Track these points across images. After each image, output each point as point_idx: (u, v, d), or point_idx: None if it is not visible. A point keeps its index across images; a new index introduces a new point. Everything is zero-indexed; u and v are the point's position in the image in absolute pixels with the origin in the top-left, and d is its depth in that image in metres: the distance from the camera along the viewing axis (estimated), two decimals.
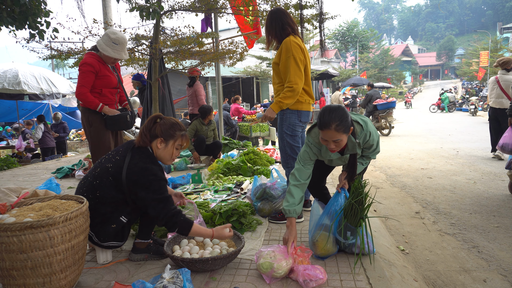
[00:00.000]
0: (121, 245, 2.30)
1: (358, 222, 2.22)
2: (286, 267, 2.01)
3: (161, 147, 2.21)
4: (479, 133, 11.08)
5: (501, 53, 30.67)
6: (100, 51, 3.39)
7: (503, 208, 3.95)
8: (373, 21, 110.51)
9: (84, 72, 3.30)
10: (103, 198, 2.13)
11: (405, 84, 53.44)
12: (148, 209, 2.11)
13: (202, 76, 9.08)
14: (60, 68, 37.83)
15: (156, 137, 2.20)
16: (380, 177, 5.81)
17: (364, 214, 2.23)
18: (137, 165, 2.11)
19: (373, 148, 2.40)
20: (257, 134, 8.78)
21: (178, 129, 2.24)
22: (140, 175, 2.09)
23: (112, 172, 2.13)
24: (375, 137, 2.36)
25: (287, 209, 2.31)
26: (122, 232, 2.23)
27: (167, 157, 2.25)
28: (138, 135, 2.25)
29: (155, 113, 2.32)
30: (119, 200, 2.16)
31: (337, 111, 2.10)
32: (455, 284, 2.46)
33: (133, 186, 2.10)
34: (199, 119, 5.86)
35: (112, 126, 3.48)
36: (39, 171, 6.42)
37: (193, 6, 5.21)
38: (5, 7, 4.24)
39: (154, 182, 2.09)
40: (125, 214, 2.18)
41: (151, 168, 2.11)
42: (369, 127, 2.32)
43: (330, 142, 2.14)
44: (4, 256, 1.68)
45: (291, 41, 2.79)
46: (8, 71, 8.71)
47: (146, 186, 2.08)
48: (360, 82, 25.86)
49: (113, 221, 2.15)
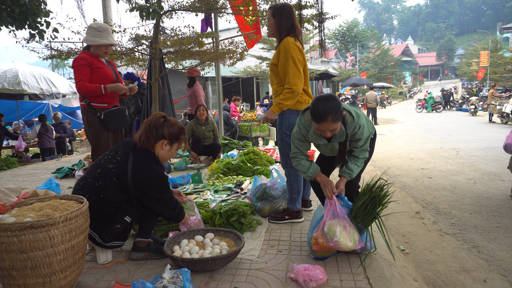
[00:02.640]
0: (122, 244, 2.31)
1: (371, 221, 2.24)
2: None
3: (166, 149, 2.28)
4: (479, 133, 11.08)
5: (501, 53, 30.66)
6: (89, 44, 3.41)
7: (503, 208, 3.95)
8: (373, 21, 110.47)
9: (78, 67, 3.32)
10: (107, 199, 2.15)
11: (405, 84, 53.42)
12: (156, 207, 2.23)
13: (202, 76, 9.08)
14: (60, 68, 37.85)
15: (162, 138, 2.24)
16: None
17: (378, 213, 2.25)
18: (143, 166, 2.16)
19: (361, 144, 2.34)
20: (257, 134, 8.78)
21: (183, 133, 2.34)
22: (147, 177, 2.15)
23: (116, 173, 2.15)
24: (365, 132, 2.31)
25: (309, 173, 2.41)
26: (125, 232, 2.27)
27: (168, 157, 2.34)
28: (141, 134, 2.25)
29: (159, 112, 2.34)
30: (123, 200, 2.18)
31: (330, 103, 2.09)
32: (455, 284, 2.46)
33: (140, 186, 2.16)
34: (195, 119, 5.86)
35: (111, 124, 3.46)
36: (39, 171, 6.42)
37: (193, 6, 5.21)
38: (5, 7, 4.24)
39: (162, 183, 2.21)
40: (129, 214, 2.21)
41: (157, 169, 2.20)
42: (361, 120, 2.30)
43: (326, 132, 2.19)
44: (4, 256, 1.68)
45: (289, 42, 2.77)
46: (8, 71, 8.70)
47: (156, 188, 2.19)
48: (360, 82, 25.88)
49: (118, 221, 2.18)
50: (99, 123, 3.42)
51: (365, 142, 2.36)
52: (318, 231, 2.23)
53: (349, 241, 2.14)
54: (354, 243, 2.16)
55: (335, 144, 2.39)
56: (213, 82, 15.39)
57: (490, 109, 15.00)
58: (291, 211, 2.98)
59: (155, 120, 2.25)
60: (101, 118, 3.39)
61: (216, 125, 6.10)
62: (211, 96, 16.69)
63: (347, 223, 2.19)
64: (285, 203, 3.14)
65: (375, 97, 15.77)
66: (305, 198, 3.28)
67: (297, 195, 2.94)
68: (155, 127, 2.23)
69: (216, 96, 8.22)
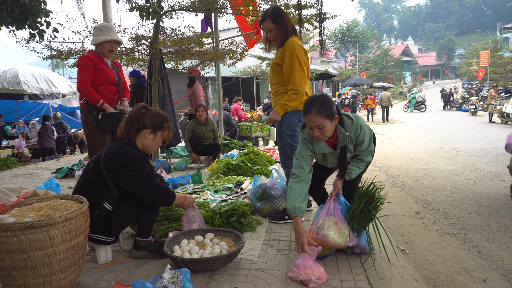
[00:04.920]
0: (110, 242, 2.22)
1: (368, 223, 2.24)
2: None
3: (150, 138, 2.28)
4: (479, 133, 11.09)
5: (501, 53, 30.67)
6: (94, 44, 3.46)
7: (503, 208, 3.95)
8: (373, 21, 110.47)
9: (83, 66, 3.34)
10: (86, 184, 2.20)
11: (405, 84, 53.40)
12: (133, 189, 2.16)
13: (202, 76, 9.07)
14: (60, 68, 37.82)
15: (144, 128, 2.26)
16: (380, 177, 5.81)
17: (374, 215, 2.24)
18: (114, 146, 2.19)
19: (366, 146, 2.32)
20: (257, 134, 8.78)
21: (166, 121, 2.34)
22: (115, 154, 2.15)
23: (94, 159, 2.23)
24: (367, 132, 2.30)
25: (290, 208, 2.17)
26: (110, 225, 2.17)
27: (154, 147, 2.34)
28: (121, 125, 2.27)
29: (140, 103, 2.34)
30: (101, 185, 2.19)
31: (318, 98, 2.15)
32: (455, 284, 2.46)
33: (111, 166, 2.14)
34: (195, 119, 5.86)
35: (107, 126, 3.46)
36: (39, 171, 6.42)
37: (193, 6, 5.21)
38: (5, 7, 4.24)
39: (132, 160, 2.15)
40: (108, 201, 2.17)
41: (127, 148, 2.18)
42: (360, 121, 2.30)
43: (315, 129, 2.15)
44: (4, 256, 1.68)
45: (294, 42, 2.76)
46: (8, 71, 8.70)
47: (125, 165, 2.14)
48: (360, 82, 25.90)
49: (97, 208, 2.15)
50: (95, 123, 3.44)
51: (369, 143, 2.34)
52: (313, 226, 2.26)
53: (339, 236, 2.15)
54: (344, 239, 2.16)
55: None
56: (213, 82, 15.38)
57: (490, 109, 15.01)
58: None
59: (135, 110, 2.27)
60: (98, 118, 3.40)
61: (216, 125, 6.09)
62: (211, 96, 16.69)
63: (339, 220, 2.20)
64: (285, 203, 3.14)
65: (388, 97, 17.91)
66: None
67: None
68: (136, 117, 2.25)
69: (216, 96, 8.22)
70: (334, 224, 2.17)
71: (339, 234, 2.15)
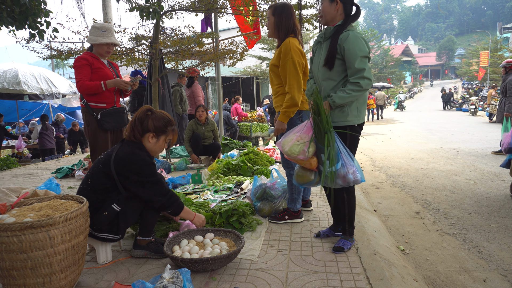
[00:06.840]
0: (117, 239, 2.26)
1: (324, 138, 2.15)
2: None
3: (153, 142, 2.29)
4: (479, 133, 11.09)
5: (501, 53, 30.68)
6: (92, 43, 3.44)
7: (503, 208, 3.95)
8: (373, 21, 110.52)
9: (79, 67, 3.34)
10: (94, 185, 2.20)
11: (405, 84, 53.43)
12: (142, 193, 2.18)
13: (202, 76, 9.08)
14: (60, 68, 37.84)
15: (147, 131, 2.26)
16: (380, 177, 5.81)
17: (326, 126, 2.15)
18: (124, 150, 2.19)
19: (351, 61, 2.26)
20: (257, 134, 8.78)
21: (170, 125, 2.33)
22: (127, 158, 2.16)
23: (102, 161, 2.23)
24: (356, 45, 2.26)
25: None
26: (117, 224, 2.20)
27: (158, 150, 2.34)
28: (128, 128, 2.28)
29: (145, 106, 2.35)
30: (109, 187, 2.20)
31: None
32: (455, 284, 2.46)
33: (121, 170, 2.16)
34: (195, 120, 5.86)
35: (108, 124, 3.45)
36: (39, 171, 6.42)
37: (193, 6, 5.21)
38: (5, 7, 4.24)
39: (145, 166, 2.17)
40: (116, 202, 2.19)
41: (139, 153, 2.19)
42: (355, 33, 2.30)
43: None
44: (4, 256, 1.68)
45: (290, 43, 2.74)
46: (8, 71, 8.71)
47: (137, 171, 2.16)
48: None
49: (105, 209, 2.17)
50: (96, 123, 3.43)
51: (355, 58, 2.25)
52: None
53: (290, 145, 2.21)
54: (298, 152, 2.20)
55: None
56: (213, 82, 15.38)
57: (490, 109, 15.01)
58: (291, 211, 2.98)
59: (140, 113, 2.28)
60: (98, 118, 3.39)
61: (216, 125, 6.08)
62: (211, 96, 16.70)
63: (303, 136, 2.23)
64: (285, 203, 3.14)
65: (383, 96, 20.02)
66: (305, 198, 3.28)
67: (298, 195, 2.94)
68: (140, 120, 2.25)
69: (216, 96, 8.22)
70: (293, 137, 2.25)
71: (291, 144, 2.22)
